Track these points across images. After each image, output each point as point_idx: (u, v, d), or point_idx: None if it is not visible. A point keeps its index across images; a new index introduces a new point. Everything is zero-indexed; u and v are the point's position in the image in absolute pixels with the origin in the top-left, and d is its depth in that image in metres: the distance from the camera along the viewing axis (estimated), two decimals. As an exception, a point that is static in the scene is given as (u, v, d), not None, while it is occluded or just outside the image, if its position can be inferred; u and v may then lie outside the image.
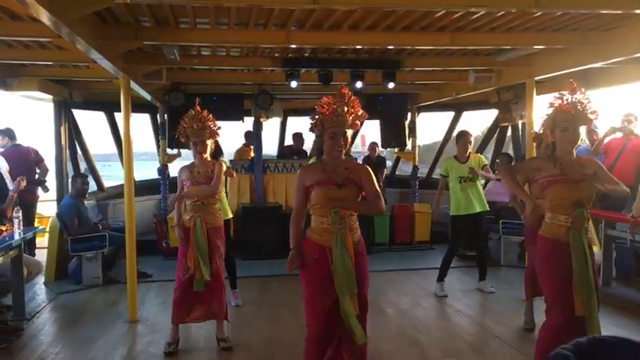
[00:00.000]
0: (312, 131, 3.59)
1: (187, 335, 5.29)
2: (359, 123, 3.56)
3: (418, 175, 11.07)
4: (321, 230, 3.51)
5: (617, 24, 5.47)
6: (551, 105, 3.82)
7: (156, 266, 8.03)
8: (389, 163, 12.14)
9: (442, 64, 7.54)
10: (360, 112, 3.53)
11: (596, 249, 7.64)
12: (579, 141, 3.95)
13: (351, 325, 3.40)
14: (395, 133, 10.83)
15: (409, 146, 11.05)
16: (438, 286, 6.80)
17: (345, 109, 3.45)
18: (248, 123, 10.15)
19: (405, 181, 11.41)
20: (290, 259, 3.57)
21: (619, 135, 7.42)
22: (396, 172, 12.52)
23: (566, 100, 3.74)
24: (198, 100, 5.10)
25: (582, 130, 4.07)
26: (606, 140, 7.50)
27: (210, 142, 4.98)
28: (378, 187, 3.58)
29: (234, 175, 7.19)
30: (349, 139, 3.56)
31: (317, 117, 3.51)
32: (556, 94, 3.83)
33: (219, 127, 5.05)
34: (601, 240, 6.63)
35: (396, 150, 11.68)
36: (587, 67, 6.30)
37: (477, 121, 23.44)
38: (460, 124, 11.21)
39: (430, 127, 23.66)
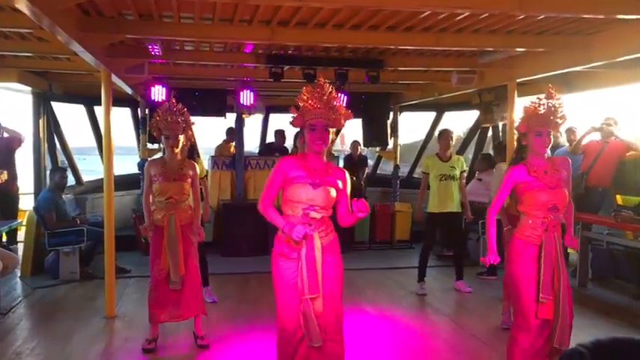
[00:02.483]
0: (293, 125, 3.48)
1: (165, 332, 5.25)
2: (342, 120, 3.46)
3: (399, 174, 11.11)
4: None
5: (598, 28, 5.54)
6: (526, 109, 3.86)
7: (134, 262, 7.95)
8: (370, 162, 12.17)
9: (425, 65, 7.58)
10: (344, 110, 3.44)
11: (572, 250, 7.78)
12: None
13: (310, 325, 3.37)
14: (377, 132, 10.86)
15: (391, 145, 11.09)
16: (418, 286, 6.84)
17: (326, 100, 3.38)
18: (230, 119, 10.10)
19: (386, 180, 11.45)
20: (297, 229, 3.31)
21: (597, 137, 7.52)
22: (378, 171, 12.56)
23: (543, 104, 3.78)
24: (174, 93, 5.03)
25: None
26: (585, 140, 7.59)
27: (182, 138, 4.80)
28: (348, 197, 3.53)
29: (206, 179, 7.11)
30: (331, 134, 3.46)
31: (298, 109, 3.42)
32: (533, 99, 3.87)
33: (193, 123, 4.95)
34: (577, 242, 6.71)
35: (378, 149, 11.71)
36: (569, 70, 6.38)
37: (459, 122, 23.56)
38: (442, 124, 11.29)
39: (412, 127, 23.82)
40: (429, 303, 6.52)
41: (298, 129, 3.57)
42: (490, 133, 10.37)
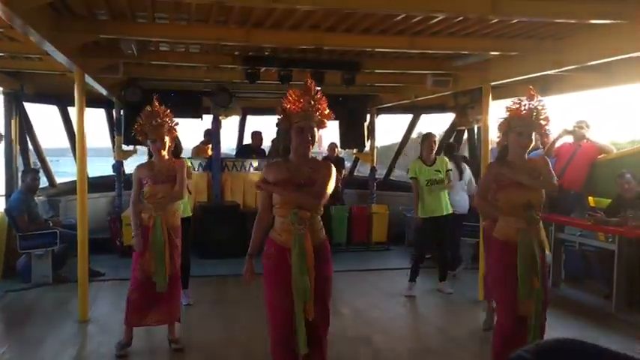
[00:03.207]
0: (279, 127, 3.49)
1: (139, 336, 5.19)
2: (326, 122, 3.51)
3: (376, 176, 11.15)
4: (282, 230, 3.47)
5: (570, 33, 5.62)
6: (509, 109, 3.91)
7: (109, 265, 7.86)
8: (347, 164, 12.19)
9: (401, 67, 7.61)
10: (327, 110, 3.48)
11: (546, 251, 7.88)
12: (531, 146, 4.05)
13: (297, 331, 3.36)
14: (354, 135, 10.86)
15: (367, 147, 11.13)
16: (407, 285, 6.87)
17: (312, 102, 3.40)
18: (207, 121, 10.05)
19: (363, 182, 11.48)
20: (245, 270, 3.53)
21: (570, 140, 7.63)
22: (355, 173, 12.59)
23: (524, 105, 3.83)
24: (156, 96, 5.00)
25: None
26: (558, 143, 7.70)
27: (168, 139, 4.85)
28: (327, 188, 3.46)
29: (192, 175, 7.09)
30: (317, 136, 3.49)
31: (284, 111, 3.43)
32: (515, 99, 3.92)
33: (176, 123, 4.96)
34: (551, 243, 6.81)
35: (355, 151, 11.74)
36: (542, 73, 6.47)
37: (435, 124, 23.76)
38: (418, 126, 11.39)
39: (389, 129, 23.95)
40: (408, 305, 6.56)
41: (277, 129, 3.59)
42: (465, 135, 10.48)
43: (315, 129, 3.46)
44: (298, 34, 5.66)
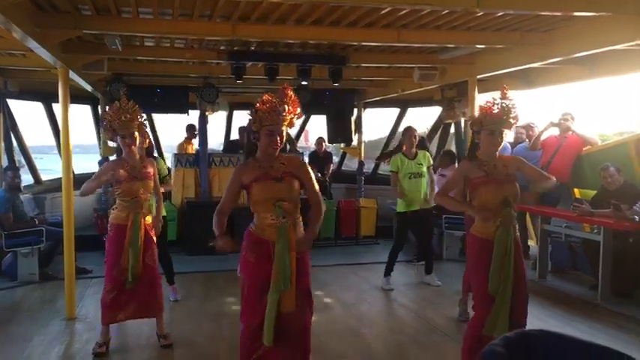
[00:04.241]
0: (250, 127, 3.55)
1: (128, 332, 5.18)
2: (294, 122, 3.59)
3: (364, 170, 11.16)
4: (265, 226, 3.50)
5: (555, 25, 5.66)
6: (482, 108, 3.95)
7: (96, 262, 7.77)
8: (335, 159, 12.20)
9: (388, 61, 7.63)
10: (298, 111, 3.55)
11: (532, 243, 7.96)
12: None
13: (266, 322, 3.38)
14: (341, 129, 10.89)
15: (355, 142, 11.14)
16: (384, 280, 6.89)
17: (286, 107, 3.46)
18: (194, 116, 10.01)
19: (350, 177, 11.50)
20: (223, 242, 3.52)
21: (556, 132, 7.69)
22: (342, 168, 12.61)
23: (497, 104, 3.87)
24: (124, 91, 4.94)
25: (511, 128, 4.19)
26: (544, 136, 7.76)
27: (137, 135, 4.74)
28: (317, 188, 3.66)
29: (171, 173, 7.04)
30: (284, 137, 3.56)
31: (256, 113, 3.49)
32: (488, 98, 3.96)
33: (145, 119, 4.89)
34: (537, 235, 6.86)
35: (343, 145, 11.75)
36: (527, 66, 6.51)
37: (423, 118, 23.82)
38: (405, 120, 11.40)
39: (376, 123, 23.96)
40: (394, 298, 6.58)
41: (247, 129, 3.67)
42: (453, 129, 10.52)
43: (284, 129, 3.53)
44: (284, 27, 5.65)
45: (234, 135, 11.12)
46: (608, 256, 5.97)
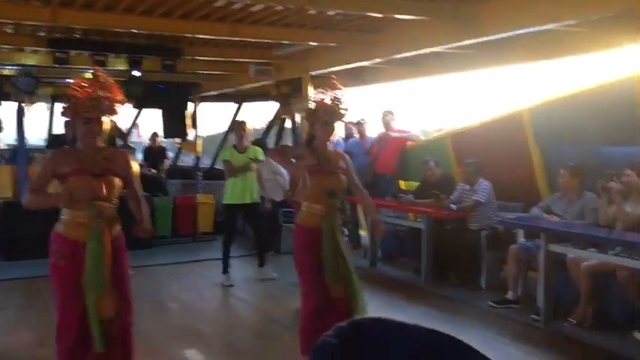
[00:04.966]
0: (65, 116, 3.27)
1: None
2: (116, 108, 3.29)
3: (201, 165, 10.98)
4: (75, 224, 3.23)
5: (381, 27, 6.01)
6: (315, 100, 4.09)
7: None
8: (170, 154, 11.86)
9: (223, 55, 7.58)
10: (120, 97, 3.28)
11: (362, 232, 8.40)
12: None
13: (93, 328, 3.17)
14: (176, 124, 10.61)
15: (191, 137, 10.91)
16: (224, 277, 6.81)
17: (101, 93, 3.19)
18: (9, 108, 9.10)
19: (187, 172, 11.25)
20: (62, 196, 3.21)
21: (381, 129, 8.21)
22: (178, 163, 12.30)
23: (329, 95, 4.02)
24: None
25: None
26: (370, 133, 8.27)
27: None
28: (138, 183, 3.50)
29: None
30: (103, 125, 3.26)
31: (70, 100, 3.21)
32: (319, 90, 4.10)
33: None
34: (368, 225, 7.24)
35: (179, 140, 11.45)
36: (358, 64, 6.85)
37: (261, 113, 24.01)
38: (243, 115, 11.41)
39: (215, 118, 23.69)
40: (233, 293, 6.55)
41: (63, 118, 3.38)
42: (289, 124, 10.74)
43: (104, 117, 3.25)
44: (112, 16, 5.36)
45: (60, 129, 10.29)
46: (430, 242, 6.48)
